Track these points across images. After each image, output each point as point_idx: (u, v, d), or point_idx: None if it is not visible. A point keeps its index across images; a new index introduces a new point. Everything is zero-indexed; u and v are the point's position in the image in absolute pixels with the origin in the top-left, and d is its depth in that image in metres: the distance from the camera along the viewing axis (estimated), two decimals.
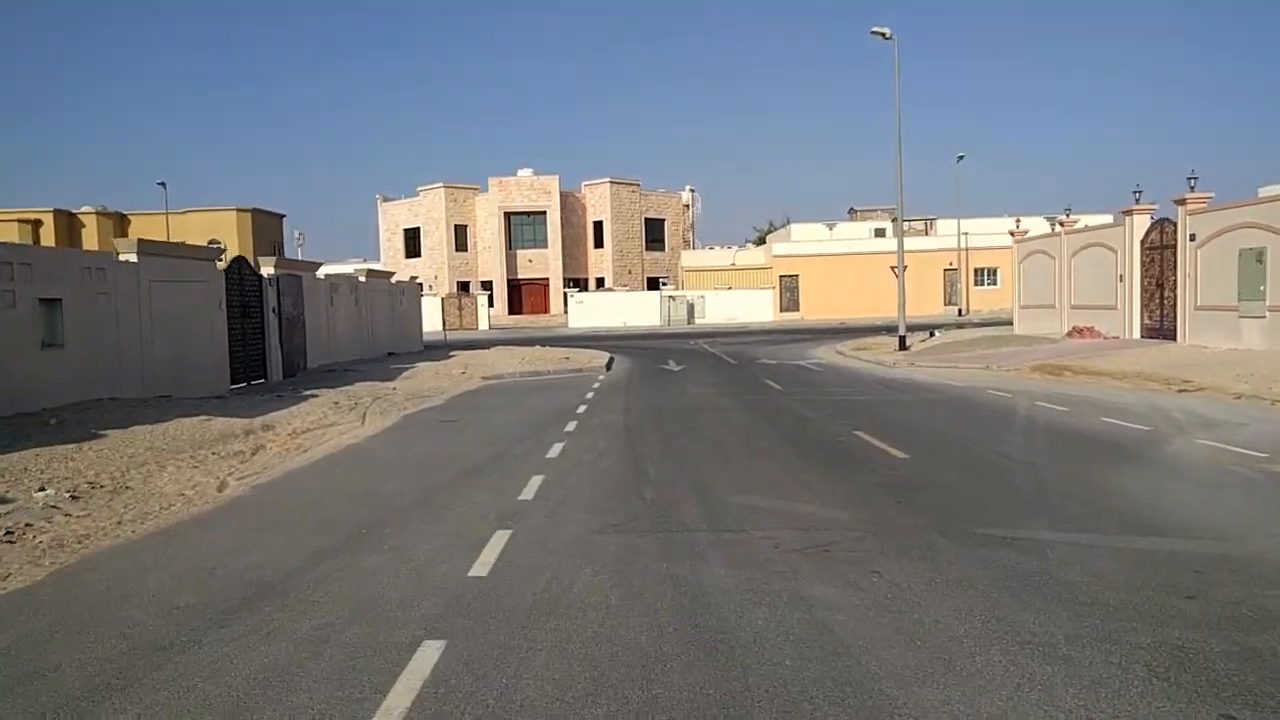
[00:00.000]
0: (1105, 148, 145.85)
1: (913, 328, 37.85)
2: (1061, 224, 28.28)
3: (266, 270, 19.26)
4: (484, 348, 32.54)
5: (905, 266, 36.82)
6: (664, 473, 8.98)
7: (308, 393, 15.86)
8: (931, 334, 32.81)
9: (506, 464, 9.66)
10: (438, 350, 31.24)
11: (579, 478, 8.78)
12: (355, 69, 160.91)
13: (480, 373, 21.70)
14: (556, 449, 10.62)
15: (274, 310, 19.31)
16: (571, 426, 12.62)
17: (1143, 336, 24.09)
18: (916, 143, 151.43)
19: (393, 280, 29.70)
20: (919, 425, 12.43)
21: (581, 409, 14.84)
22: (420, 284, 33.59)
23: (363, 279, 26.12)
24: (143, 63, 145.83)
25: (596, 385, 19.34)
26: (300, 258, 69.80)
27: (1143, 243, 23.97)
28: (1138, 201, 24.21)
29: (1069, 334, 26.06)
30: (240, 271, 18.08)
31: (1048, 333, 28.00)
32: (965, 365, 22.28)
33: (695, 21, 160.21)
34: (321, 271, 23.36)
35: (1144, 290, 24.07)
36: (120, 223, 75.34)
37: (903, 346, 27.09)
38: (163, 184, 56.70)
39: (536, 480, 8.65)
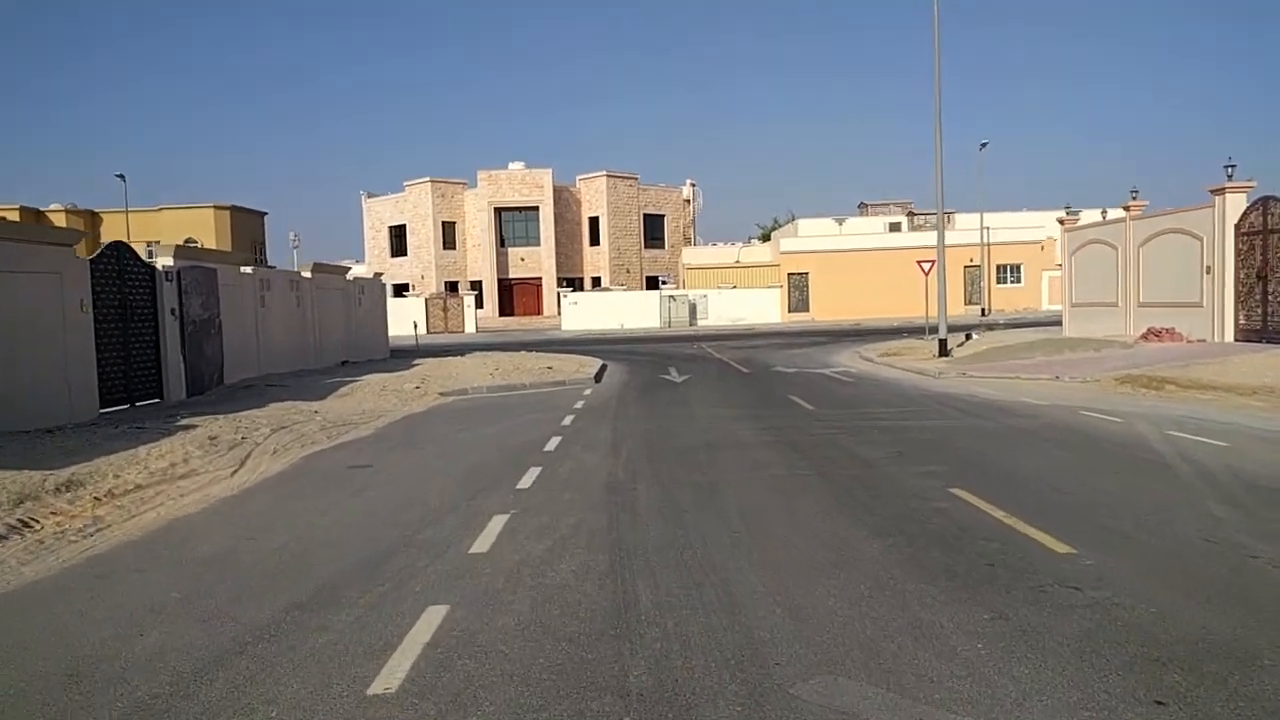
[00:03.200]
0: (1121, 144, 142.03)
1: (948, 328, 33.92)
2: (1127, 209, 24.28)
3: (163, 261, 15.24)
4: (460, 354, 28.57)
5: (933, 262, 33.05)
6: (667, 600, 4.98)
7: (186, 422, 11.85)
8: (968, 336, 28.84)
9: (394, 572, 5.66)
10: (404, 358, 27.22)
11: (510, 617, 4.76)
12: (350, 65, 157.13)
13: (440, 387, 17.70)
14: (493, 529, 6.64)
15: (173, 312, 15.31)
16: (530, 480, 8.62)
17: (1238, 340, 20.10)
18: (930, 134, 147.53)
19: (349, 277, 25.70)
20: (1038, 476, 8.43)
21: (552, 444, 10.84)
22: (383, 281, 29.54)
23: (307, 274, 22.09)
24: (129, 61, 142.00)
25: (580, 404, 15.36)
26: (296, 259, 65.85)
27: (1238, 227, 19.97)
28: (1230, 177, 20.23)
29: (1143, 337, 22.05)
30: (120, 262, 14.06)
31: (1110, 335, 24.00)
32: (1030, 376, 18.29)
33: (693, 15, 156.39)
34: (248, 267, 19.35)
35: (1239, 284, 20.08)
36: (91, 220, 71.74)
37: (943, 352, 23.12)
38: (121, 176, 52.75)
39: (430, 620, 4.66)
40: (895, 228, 58.48)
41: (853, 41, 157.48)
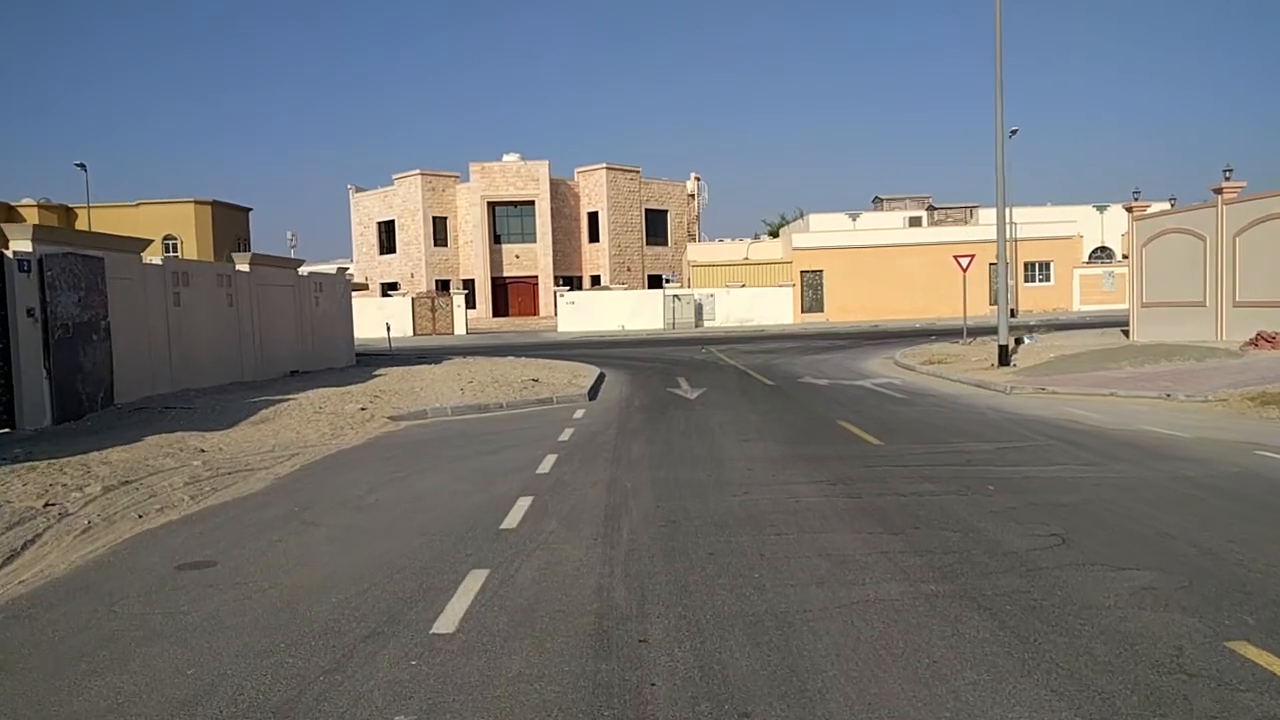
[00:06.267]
0: (1141, 140, 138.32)
1: (974, 331, 30.38)
2: (1219, 191, 20.57)
3: (16, 245, 11.56)
4: (436, 361, 24.89)
5: (972, 256, 29.57)
6: None
7: None
8: (1019, 341, 25.15)
9: None
10: (369, 365, 23.54)
11: None
12: (346, 58, 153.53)
13: (392, 408, 14.02)
14: None
15: (31, 313, 11.63)
16: (459, 610, 4.94)
17: None
18: (949, 128, 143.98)
19: (302, 272, 21.97)
20: None
21: (515, 515, 7.16)
22: (350, 276, 25.84)
23: (243, 268, 18.34)
24: (115, 57, 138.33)
25: (567, 435, 11.69)
26: (293, 259, 62.26)
27: None
28: None
29: (1251, 343, 18.36)
30: None
31: (1195, 339, 20.32)
32: (1130, 393, 14.60)
33: (691, 12, 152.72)
34: (155, 258, 15.63)
35: None
36: (66, 215, 68.50)
37: (1004, 360, 19.45)
38: (82, 165, 48.76)
39: None
40: (915, 222, 54.77)
41: (858, 34, 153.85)
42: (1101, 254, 59.07)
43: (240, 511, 7.51)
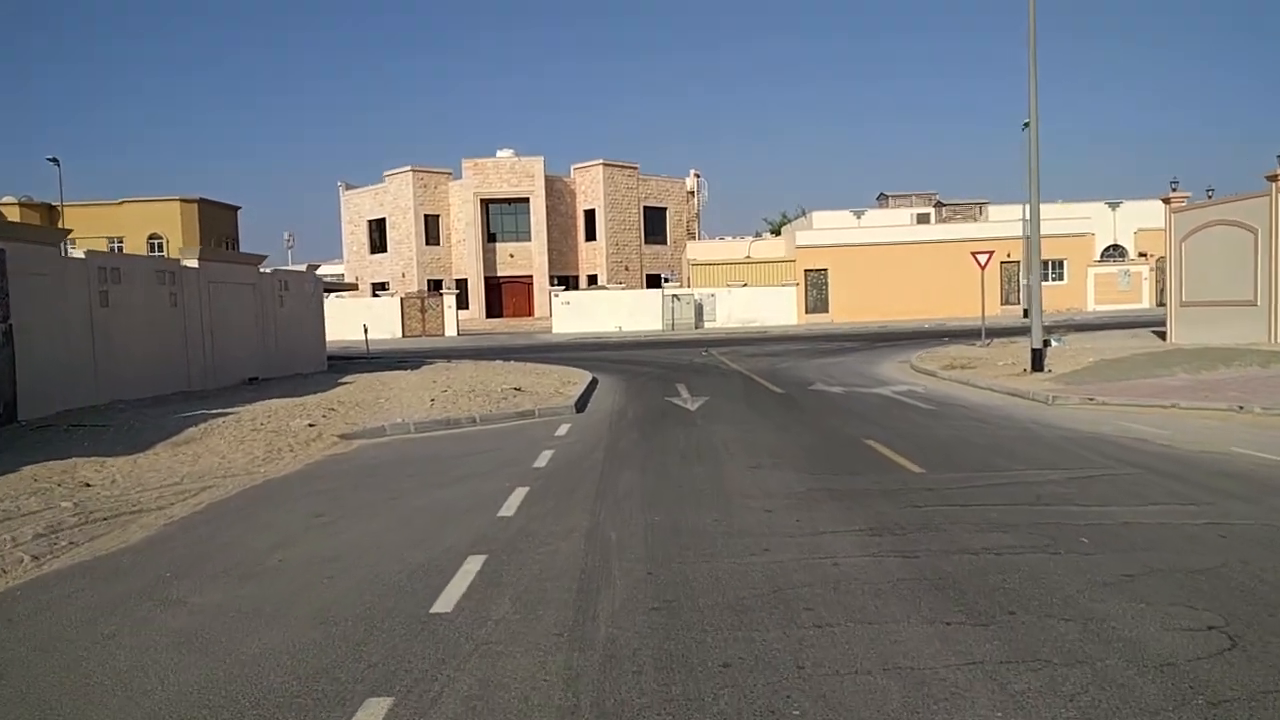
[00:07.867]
0: (1156, 134, 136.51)
1: (990, 332, 28.60)
2: (1273, 179, 18.69)
3: None
4: (416, 366, 23.01)
5: (991, 253, 27.87)
6: None
7: None
8: (1046, 344, 23.23)
9: None
10: (340, 371, 21.64)
11: None
12: (343, 55, 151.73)
13: (345, 424, 12.12)
14: None
15: None
16: None
17: None
18: (952, 127, 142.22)
19: (263, 270, 19.99)
20: None
21: (454, 592, 5.26)
22: (339, 276, 23.91)
23: (191, 263, 16.40)
24: (114, 59, 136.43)
25: (546, 459, 9.79)
26: (290, 260, 60.07)
27: None
28: None
29: None
30: None
31: (1243, 341, 18.46)
32: (1193, 404, 12.73)
33: (691, 14, 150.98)
34: (71, 250, 13.72)
35: None
36: (49, 213, 66.63)
37: (1037, 365, 17.57)
38: (54, 160, 46.71)
39: None
40: (922, 219, 52.91)
41: (858, 29, 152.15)
42: (1113, 252, 57.13)
43: (87, 581, 5.60)
